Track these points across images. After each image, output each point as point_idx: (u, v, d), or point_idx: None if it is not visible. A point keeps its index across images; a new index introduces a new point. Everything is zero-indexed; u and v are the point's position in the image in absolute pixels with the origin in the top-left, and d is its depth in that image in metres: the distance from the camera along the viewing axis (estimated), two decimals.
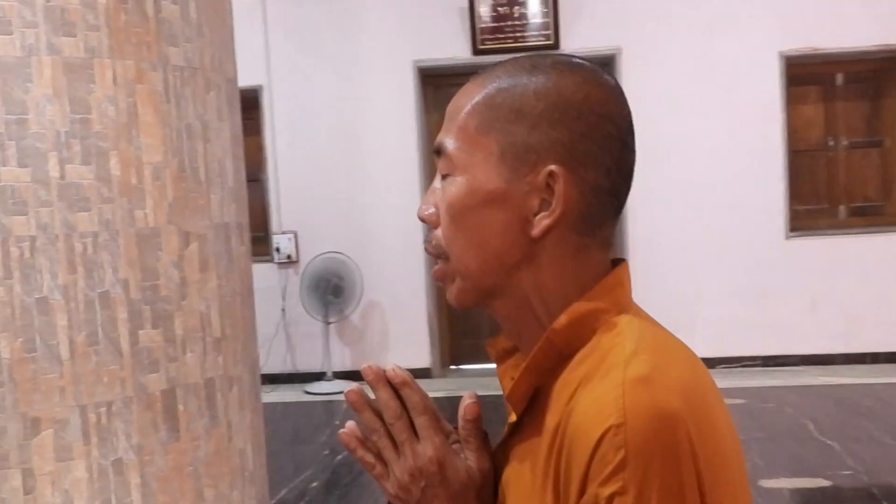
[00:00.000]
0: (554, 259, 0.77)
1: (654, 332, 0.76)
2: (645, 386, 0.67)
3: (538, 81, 0.76)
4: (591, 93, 0.76)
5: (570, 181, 0.75)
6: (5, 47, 1.97)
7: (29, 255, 2.00)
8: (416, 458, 0.80)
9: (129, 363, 2.12)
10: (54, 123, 2.02)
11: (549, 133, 0.75)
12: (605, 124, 0.76)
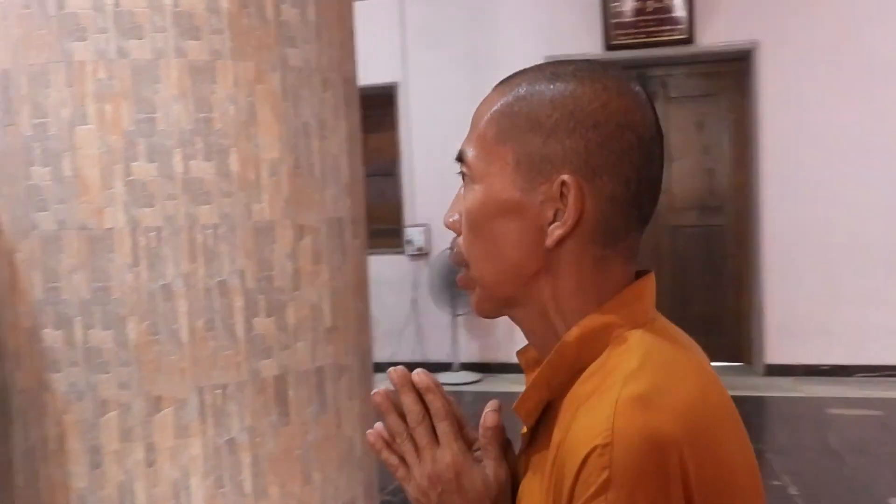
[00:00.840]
0: (571, 270, 0.76)
1: (666, 348, 0.73)
2: (638, 406, 0.65)
3: (556, 90, 0.75)
4: (611, 102, 0.74)
5: (586, 191, 0.74)
6: (137, 51, 2.12)
7: (155, 245, 2.15)
8: (434, 463, 0.82)
9: (243, 349, 2.23)
10: (179, 122, 2.15)
11: (565, 142, 0.74)
12: (625, 133, 0.74)
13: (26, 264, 2.20)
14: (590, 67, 0.78)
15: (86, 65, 2.12)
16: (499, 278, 0.78)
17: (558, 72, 0.77)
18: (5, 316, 2.25)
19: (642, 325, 0.75)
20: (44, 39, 2.13)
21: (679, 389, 0.69)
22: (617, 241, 0.76)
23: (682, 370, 0.72)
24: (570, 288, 0.76)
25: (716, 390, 0.72)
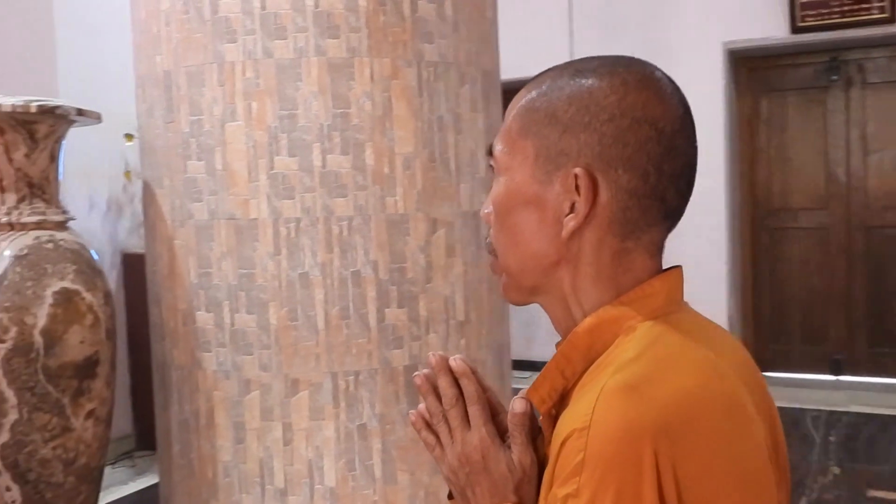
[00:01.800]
0: (590, 261, 0.78)
1: (672, 341, 0.73)
2: (621, 394, 0.67)
3: (574, 85, 0.77)
4: (627, 95, 0.75)
5: (601, 184, 0.75)
6: (281, 50, 2.23)
7: (294, 235, 2.25)
8: (464, 444, 0.86)
9: (375, 338, 2.29)
10: (318, 117, 2.24)
11: (580, 136, 0.76)
12: (642, 127, 0.75)
13: (183, 251, 2.38)
14: (613, 62, 0.79)
15: (235, 65, 2.26)
16: (522, 267, 0.81)
17: (581, 67, 0.79)
18: (165, 298, 2.45)
19: (656, 318, 0.75)
20: (200, 42, 2.29)
21: (670, 382, 0.69)
22: (638, 235, 0.77)
23: (681, 363, 0.72)
24: (589, 279, 0.78)
25: (719, 389, 0.71)
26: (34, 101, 2.21)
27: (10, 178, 2.26)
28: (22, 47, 3.53)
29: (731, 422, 0.70)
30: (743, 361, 0.81)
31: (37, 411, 2.18)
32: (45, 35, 3.66)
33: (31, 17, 3.60)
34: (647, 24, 5.72)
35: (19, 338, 2.15)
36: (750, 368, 0.81)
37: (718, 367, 0.73)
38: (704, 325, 0.81)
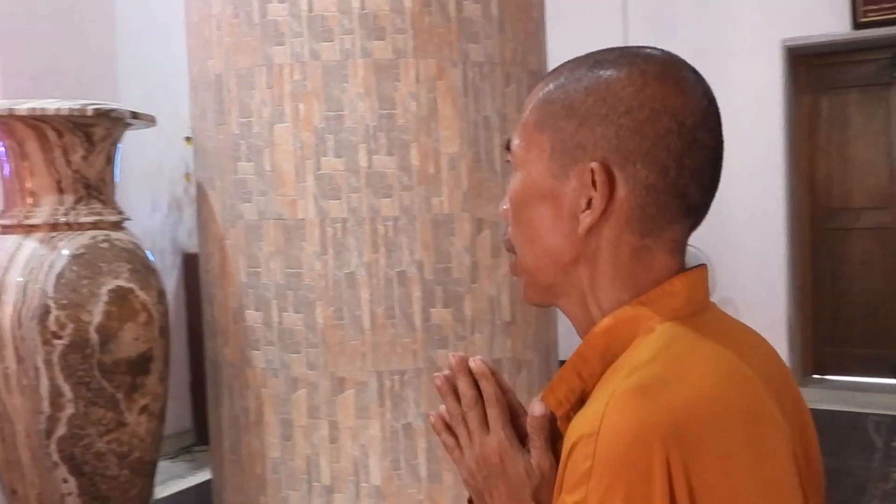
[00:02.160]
0: (608, 259, 0.75)
1: (689, 343, 0.70)
2: (632, 397, 0.64)
3: (592, 77, 0.74)
4: (646, 86, 0.72)
5: (618, 179, 0.72)
6: (327, 52, 2.26)
7: (341, 235, 2.28)
8: (482, 447, 0.84)
9: (420, 337, 2.30)
10: (364, 118, 2.26)
11: (596, 129, 0.73)
12: (661, 119, 0.71)
13: (234, 250, 2.42)
14: (633, 52, 0.76)
15: (283, 67, 2.29)
16: (538, 264, 0.79)
17: (600, 58, 0.76)
18: (217, 296, 2.50)
19: (676, 319, 0.72)
20: (249, 45, 2.33)
21: (686, 384, 0.66)
22: (658, 232, 0.74)
23: (699, 365, 0.69)
24: (607, 277, 0.75)
25: (739, 392, 0.68)
26: (90, 105, 2.28)
27: (68, 180, 2.33)
28: (85, 52, 3.64)
29: (750, 426, 0.67)
30: (771, 364, 0.78)
31: (92, 406, 2.25)
32: (107, 40, 3.76)
33: (93, 22, 3.70)
34: (702, 22, 5.62)
35: (76, 334, 2.22)
36: (779, 371, 0.79)
37: (740, 369, 0.70)
38: (730, 326, 0.78)
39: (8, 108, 2.23)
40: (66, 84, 3.40)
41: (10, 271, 2.25)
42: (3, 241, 2.32)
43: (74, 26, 3.61)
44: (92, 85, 3.63)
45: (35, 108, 2.23)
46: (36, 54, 3.42)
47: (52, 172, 2.32)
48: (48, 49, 3.47)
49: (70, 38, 3.59)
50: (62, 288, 2.23)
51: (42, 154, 2.30)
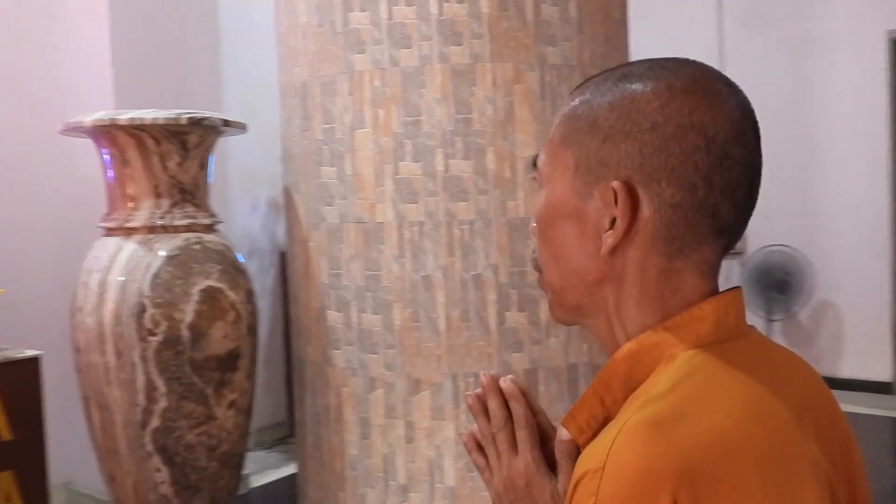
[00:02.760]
0: (635, 281, 0.72)
1: (712, 375, 0.66)
2: (643, 431, 0.61)
3: (617, 91, 0.71)
4: (672, 101, 0.68)
5: (642, 198, 0.69)
6: (406, 58, 2.30)
7: (418, 239, 2.32)
8: (509, 469, 0.83)
9: (495, 341, 2.32)
10: (441, 123, 2.29)
11: (620, 146, 0.70)
12: (687, 135, 0.68)
13: (316, 252, 2.50)
14: (661, 65, 0.72)
15: (364, 74, 2.35)
16: (564, 284, 0.76)
17: (628, 72, 0.73)
18: (301, 297, 2.58)
19: (702, 346, 0.68)
20: (332, 53, 2.40)
21: (703, 419, 0.62)
22: (687, 253, 0.70)
23: (720, 398, 0.64)
24: (633, 299, 0.72)
25: (763, 429, 0.64)
26: (184, 114, 2.40)
27: (165, 185, 2.46)
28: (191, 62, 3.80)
29: (773, 466, 0.63)
30: (814, 396, 0.74)
31: (183, 400, 2.36)
32: (212, 50, 3.92)
33: (198, 33, 3.87)
34: (801, 14, 5.40)
35: (169, 331, 2.34)
36: (823, 404, 0.74)
37: (768, 403, 0.66)
38: (767, 353, 0.74)
39: (110, 118, 2.37)
40: (173, 93, 3.57)
41: (111, 271, 2.39)
42: (106, 242, 2.47)
43: (181, 37, 3.78)
44: (197, 93, 3.80)
45: (134, 118, 2.36)
46: (145, 65, 3.60)
47: (150, 178, 2.45)
48: (156, 60, 3.65)
49: (177, 49, 3.76)
50: (157, 287, 2.35)
51: (141, 161, 2.44)
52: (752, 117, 0.71)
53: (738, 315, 0.73)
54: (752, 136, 0.71)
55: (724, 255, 0.73)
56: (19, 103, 3.21)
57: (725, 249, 0.73)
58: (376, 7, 2.31)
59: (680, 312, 0.70)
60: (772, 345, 0.76)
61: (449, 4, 2.27)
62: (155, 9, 3.61)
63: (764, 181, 1.19)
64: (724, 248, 0.72)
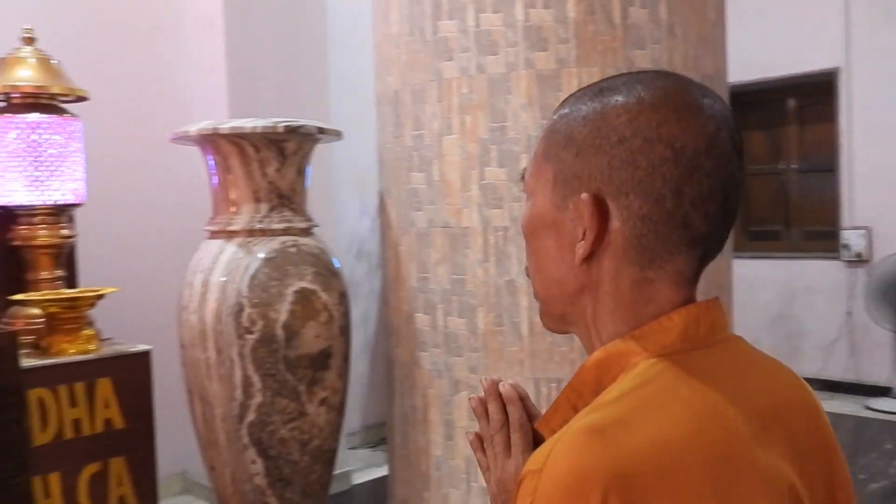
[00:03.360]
0: (609, 290, 0.74)
1: (669, 381, 0.67)
2: (583, 436, 0.63)
3: (591, 105, 0.73)
4: (640, 114, 0.70)
5: (612, 210, 0.71)
6: (492, 65, 2.32)
7: (502, 243, 2.33)
8: (502, 471, 0.86)
9: (578, 347, 2.30)
10: (527, 129, 2.30)
11: (591, 159, 0.72)
12: (655, 147, 0.69)
13: (406, 256, 2.56)
14: (637, 79, 0.73)
15: (452, 81, 2.39)
16: (547, 293, 0.79)
17: (605, 85, 0.75)
18: (391, 299, 2.65)
19: (665, 355, 0.69)
20: (422, 62, 2.45)
21: (648, 427, 0.63)
22: (660, 264, 0.72)
23: (670, 407, 0.65)
24: (608, 309, 0.74)
25: (712, 439, 0.63)
26: (281, 122, 2.51)
27: (264, 191, 2.57)
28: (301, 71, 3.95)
29: (718, 475, 0.63)
30: (792, 405, 0.73)
31: (277, 396, 2.47)
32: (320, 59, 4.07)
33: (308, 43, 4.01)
34: None
35: (264, 330, 2.45)
36: (803, 413, 0.74)
37: (722, 414, 0.66)
38: (739, 364, 0.73)
39: (213, 127, 2.50)
40: (284, 101, 3.73)
41: (213, 272, 2.53)
42: (209, 245, 2.61)
43: (292, 47, 3.94)
44: (307, 101, 3.96)
45: (235, 127, 2.49)
46: (257, 75, 3.78)
47: (250, 184, 2.57)
48: (268, 69, 3.82)
49: (288, 59, 3.92)
50: (255, 288, 2.47)
51: (242, 167, 2.56)
52: (729, 130, 0.72)
53: (710, 325, 0.73)
54: (727, 149, 0.71)
55: (702, 265, 0.74)
56: (140, 113, 3.43)
57: (703, 260, 0.74)
58: (464, 15, 2.35)
59: (650, 322, 0.72)
60: (753, 355, 0.76)
61: (535, 10, 2.28)
62: (267, 20, 3.79)
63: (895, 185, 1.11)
64: (701, 258, 0.73)
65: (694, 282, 0.74)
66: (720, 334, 0.74)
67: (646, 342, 0.71)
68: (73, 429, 2.51)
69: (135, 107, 3.47)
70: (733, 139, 0.72)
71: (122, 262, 3.29)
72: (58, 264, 2.82)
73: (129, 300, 2.97)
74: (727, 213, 0.72)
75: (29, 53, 2.76)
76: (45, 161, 2.74)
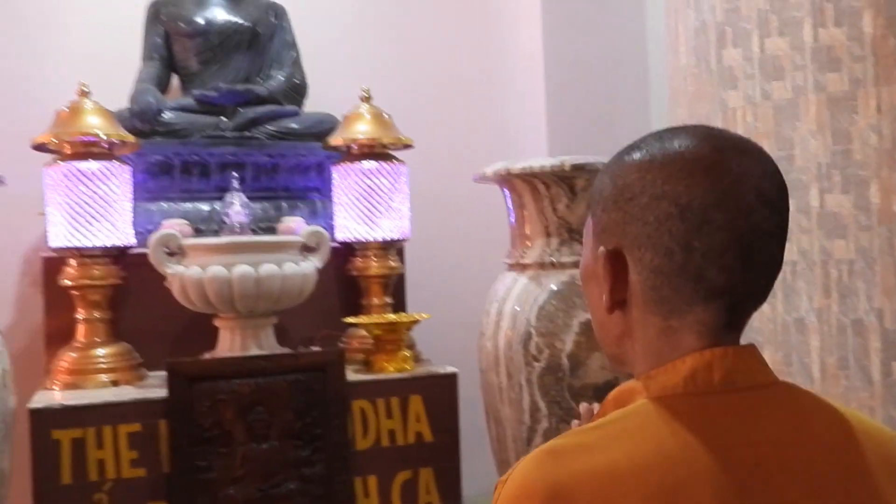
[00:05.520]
0: (639, 337, 0.78)
1: (647, 418, 0.70)
2: (541, 456, 0.69)
3: (619, 164, 0.79)
4: (649, 172, 0.74)
5: (630, 263, 0.76)
6: (778, 91, 2.21)
7: (790, 279, 2.20)
8: None
9: (879, 393, 2.08)
10: (816, 156, 2.15)
11: (612, 215, 0.77)
12: (661, 204, 0.72)
13: None
14: (658, 136, 0.77)
15: (736, 111, 2.32)
16: (598, 336, 0.86)
17: (634, 143, 0.79)
18: None
19: (665, 396, 0.73)
20: (707, 92, 2.41)
21: (601, 456, 0.66)
22: (680, 314, 0.75)
23: (631, 442, 0.68)
24: (639, 354, 0.79)
25: (660, 476, 0.65)
26: (569, 161, 2.62)
27: (554, 226, 2.71)
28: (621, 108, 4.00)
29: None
30: (823, 465, 0.70)
31: (563, 423, 2.56)
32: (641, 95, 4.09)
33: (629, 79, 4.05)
34: None
35: (550, 359, 2.57)
36: (836, 475, 0.70)
37: (692, 457, 0.66)
38: (759, 414, 0.71)
39: (506, 167, 2.70)
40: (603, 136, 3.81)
41: (507, 302, 2.72)
42: (505, 276, 2.81)
43: (612, 85, 4.03)
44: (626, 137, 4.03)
45: (525, 167, 2.66)
46: (578, 112, 3.92)
47: (541, 219, 2.73)
48: (589, 107, 3.94)
49: (608, 96, 4.02)
50: (542, 318, 2.60)
51: (534, 204, 2.73)
52: (755, 182, 0.72)
53: (727, 371, 0.73)
54: (747, 201, 0.71)
55: (734, 315, 0.75)
56: (462, 153, 3.76)
57: (734, 310, 0.74)
58: (748, 42, 2.27)
59: (667, 365, 0.75)
60: (791, 407, 0.73)
61: (825, 30, 2.13)
62: (587, 56, 3.90)
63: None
64: (724, 308, 0.73)
65: (722, 331, 0.75)
66: (746, 381, 0.74)
67: (650, 383, 0.75)
68: (388, 438, 2.85)
69: (457, 148, 3.82)
70: (759, 190, 0.72)
71: (432, 291, 3.63)
72: (387, 292, 3.23)
73: (440, 326, 3.27)
74: (754, 264, 0.73)
75: (365, 110, 3.23)
76: (376, 202, 3.17)
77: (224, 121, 3.28)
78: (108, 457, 2.58)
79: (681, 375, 0.74)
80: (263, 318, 2.90)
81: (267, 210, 3.25)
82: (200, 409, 2.63)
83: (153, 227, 2.99)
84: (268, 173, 3.32)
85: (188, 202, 3.19)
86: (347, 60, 3.76)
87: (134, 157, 3.07)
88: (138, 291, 3.00)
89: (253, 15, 3.49)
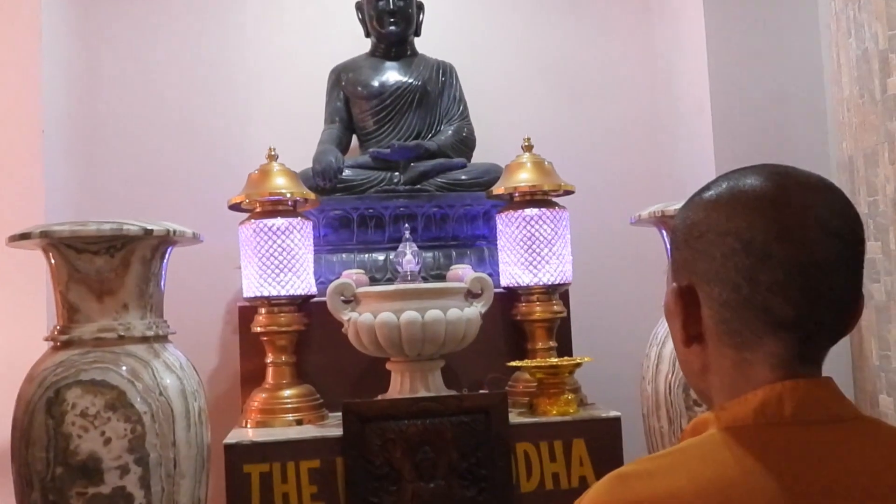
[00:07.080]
0: (717, 371, 0.81)
1: (714, 450, 0.72)
2: (610, 480, 0.73)
3: (691, 203, 0.84)
4: (715, 210, 0.78)
5: (701, 298, 0.80)
6: None
7: None
8: None
9: None
10: None
11: (682, 253, 0.82)
12: (725, 240, 0.76)
13: (867, 332, 2.36)
14: (728, 176, 0.79)
15: None
16: (684, 371, 0.89)
17: (708, 184, 0.82)
18: (856, 378, 2.45)
19: (735, 427, 0.74)
20: (872, 123, 2.30)
21: (663, 481, 0.69)
22: (752, 347, 0.77)
23: (693, 468, 0.69)
24: (717, 386, 0.81)
25: (723, 496, 0.66)
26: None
27: None
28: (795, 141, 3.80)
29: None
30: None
31: None
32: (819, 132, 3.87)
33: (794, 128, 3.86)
34: None
35: None
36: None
37: (754, 485, 0.67)
38: (833, 449, 0.70)
39: (661, 209, 2.69)
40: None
41: (665, 345, 2.68)
42: (663, 320, 2.78)
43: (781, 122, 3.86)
44: None
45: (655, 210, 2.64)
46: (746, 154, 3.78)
47: None
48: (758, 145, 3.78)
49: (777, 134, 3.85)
50: None
51: None
52: (816, 215, 0.73)
53: (799, 403, 0.73)
54: (812, 234, 0.73)
55: (808, 346, 0.75)
56: (625, 197, 3.75)
57: (803, 342, 0.75)
58: None
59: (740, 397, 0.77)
60: (870, 443, 0.72)
61: None
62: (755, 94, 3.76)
63: None
64: (797, 340, 0.75)
65: (799, 362, 0.76)
66: (819, 414, 0.74)
67: (723, 413, 0.77)
68: (552, 481, 2.87)
69: (621, 191, 3.82)
70: (823, 223, 0.74)
71: (605, 334, 3.62)
72: (551, 336, 3.27)
73: (605, 370, 3.26)
74: (821, 296, 0.74)
75: (526, 158, 3.32)
76: (537, 248, 3.25)
77: (397, 175, 3.50)
78: (291, 490, 2.79)
79: (751, 407, 0.76)
80: (430, 362, 3.03)
81: (437, 258, 3.42)
82: (372, 447, 2.80)
83: (334, 276, 3.24)
84: (437, 223, 3.49)
85: (365, 253, 3.42)
86: (511, 108, 3.90)
87: (316, 212, 3.35)
88: (320, 337, 3.24)
89: (423, 75, 3.72)
